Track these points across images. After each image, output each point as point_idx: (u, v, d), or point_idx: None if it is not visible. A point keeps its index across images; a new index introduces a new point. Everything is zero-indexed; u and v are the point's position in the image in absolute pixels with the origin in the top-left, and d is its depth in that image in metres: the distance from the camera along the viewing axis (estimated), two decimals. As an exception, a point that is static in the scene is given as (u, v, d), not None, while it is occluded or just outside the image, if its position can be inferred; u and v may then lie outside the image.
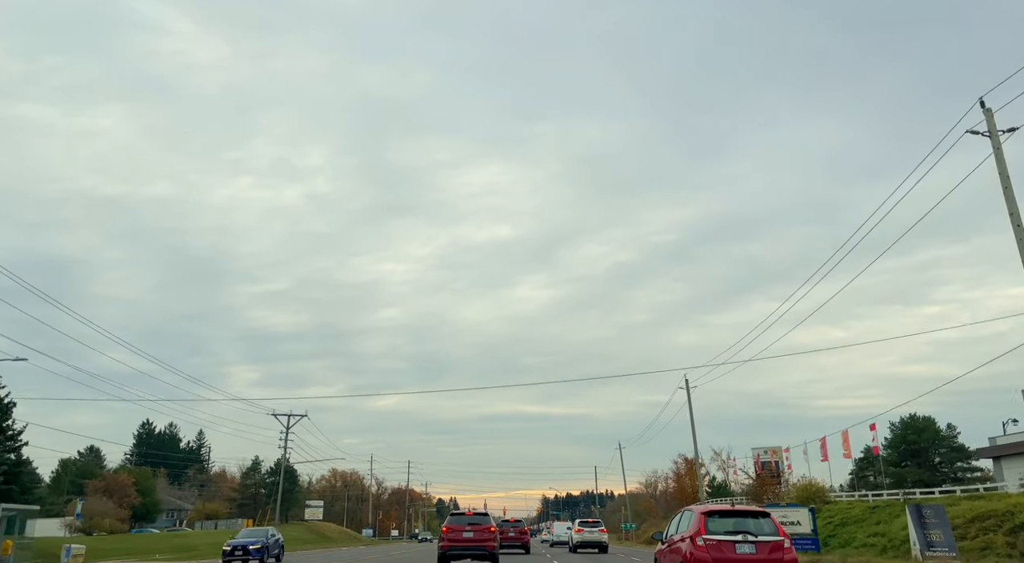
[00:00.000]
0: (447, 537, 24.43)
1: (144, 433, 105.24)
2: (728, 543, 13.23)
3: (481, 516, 27.26)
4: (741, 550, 13.16)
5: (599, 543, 41.28)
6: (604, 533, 42.58)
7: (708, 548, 13.16)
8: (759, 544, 13.26)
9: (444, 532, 24.83)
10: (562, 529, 58.40)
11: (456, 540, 24.22)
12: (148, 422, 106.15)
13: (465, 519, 26.13)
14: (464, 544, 24.21)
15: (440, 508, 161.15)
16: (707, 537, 13.33)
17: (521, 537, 39.39)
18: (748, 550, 13.18)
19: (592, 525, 43.41)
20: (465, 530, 24.58)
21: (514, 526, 40.40)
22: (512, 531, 39.28)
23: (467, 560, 24.35)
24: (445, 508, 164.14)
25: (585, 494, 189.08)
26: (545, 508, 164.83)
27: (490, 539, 24.47)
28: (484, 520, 25.93)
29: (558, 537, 57.47)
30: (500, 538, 34.20)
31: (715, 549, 13.15)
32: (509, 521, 42.09)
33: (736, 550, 13.15)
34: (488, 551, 24.20)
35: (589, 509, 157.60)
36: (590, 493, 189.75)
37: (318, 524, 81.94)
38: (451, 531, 24.46)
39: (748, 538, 13.30)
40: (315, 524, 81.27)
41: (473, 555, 24.29)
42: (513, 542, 38.65)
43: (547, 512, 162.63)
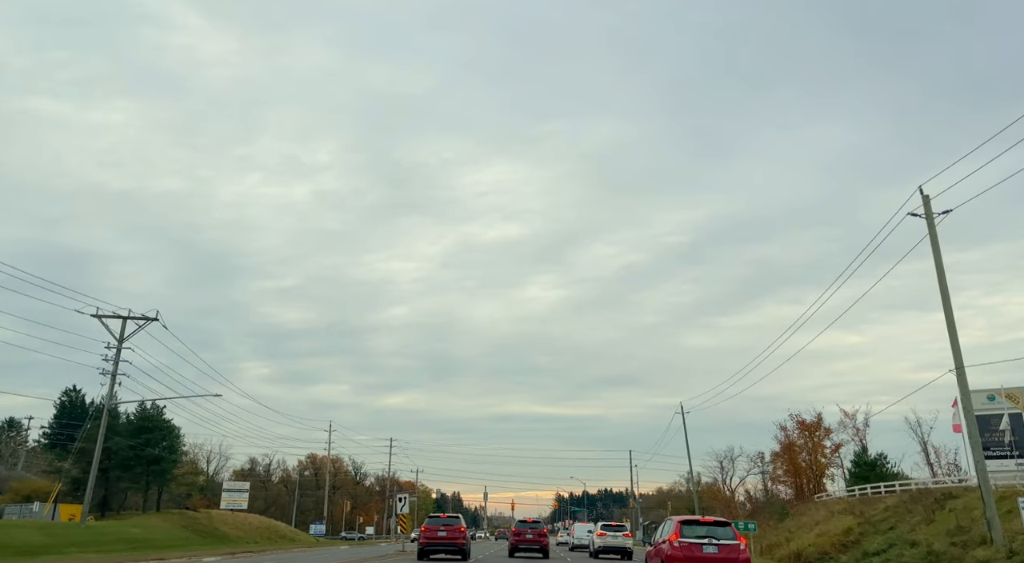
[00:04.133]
0: (424, 536, 33.05)
1: (68, 402, 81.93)
2: (697, 544, 20.22)
3: (453, 518, 35.29)
4: (707, 550, 20.14)
5: (623, 549, 41.19)
6: (629, 538, 43.04)
7: (682, 548, 20.14)
8: (720, 546, 20.22)
9: (423, 531, 33.55)
10: (583, 531, 57.59)
11: (432, 538, 32.73)
12: (75, 389, 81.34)
13: (440, 521, 34.72)
14: (438, 541, 32.72)
15: (441, 505, 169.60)
16: (681, 540, 20.33)
17: (540, 539, 40.15)
18: (712, 551, 20.14)
19: (616, 529, 43.86)
20: (440, 530, 33.15)
21: (532, 527, 41.16)
22: (530, 532, 40.34)
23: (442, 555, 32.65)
24: (446, 503, 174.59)
25: (604, 492, 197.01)
26: (562, 506, 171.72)
27: (460, 537, 32.87)
28: (455, 522, 34.30)
29: (579, 540, 57.27)
30: (516, 540, 40.98)
31: (687, 549, 20.12)
32: (527, 522, 42.63)
33: (703, 550, 20.13)
34: (459, 547, 32.72)
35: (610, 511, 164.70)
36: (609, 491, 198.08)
37: (223, 516, 64.58)
38: (428, 531, 33.14)
39: (712, 541, 20.28)
40: (219, 516, 64.11)
41: (446, 550, 32.73)
42: (531, 544, 39.87)
43: (563, 511, 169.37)
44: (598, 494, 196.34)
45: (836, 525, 36.32)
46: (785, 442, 60.61)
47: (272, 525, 75.09)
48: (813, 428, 57.74)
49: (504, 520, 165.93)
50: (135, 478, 60.63)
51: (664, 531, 22.18)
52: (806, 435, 58.36)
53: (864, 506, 37.49)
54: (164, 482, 64.37)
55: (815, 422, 57.81)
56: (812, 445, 58.12)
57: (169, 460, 62.71)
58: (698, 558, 19.93)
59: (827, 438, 57.32)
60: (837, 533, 33.87)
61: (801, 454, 58.82)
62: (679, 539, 20.36)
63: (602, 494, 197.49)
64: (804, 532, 39.99)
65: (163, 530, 51.02)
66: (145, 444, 58.94)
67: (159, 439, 61.21)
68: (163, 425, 62.48)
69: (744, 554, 20.34)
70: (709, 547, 20.19)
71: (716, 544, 20.25)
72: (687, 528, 20.75)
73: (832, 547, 31.85)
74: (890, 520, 31.69)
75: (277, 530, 73.54)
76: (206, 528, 58.05)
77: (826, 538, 34.07)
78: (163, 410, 62.79)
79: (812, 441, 57.94)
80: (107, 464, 55.67)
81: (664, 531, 22.18)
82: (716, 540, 20.31)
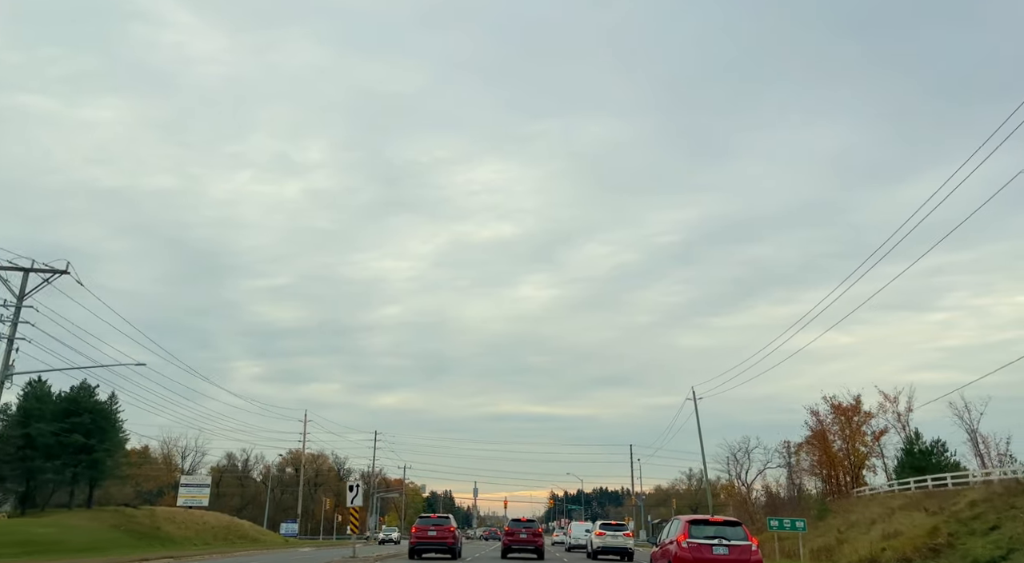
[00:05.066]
0: (415, 535, 35.29)
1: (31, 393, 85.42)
2: (707, 546, 19.29)
3: (443, 518, 37.53)
4: (717, 552, 19.24)
5: (624, 549, 40.01)
6: (630, 538, 41.83)
7: (690, 549, 19.18)
8: (731, 547, 19.31)
9: (413, 531, 35.79)
10: (581, 530, 56.05)
11: (422, 538, 34.92)
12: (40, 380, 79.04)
13: (430, 521, 36.93)
14: (428, 541, 34.79)
15: (432, 504, 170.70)
16: (690, 541, 19.41)
17: (535, 539, 38.83)
18: (722, 552, 19.25)
19: (616, 528, 42.32)
20: (430, 529, 35.26)
21: (526, 527, 39.87)
22: (524, 532, 39.15)
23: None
24: (438, 502, 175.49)
25: (599, 491, 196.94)
26: (558, 505, 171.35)
27: (449, 536, 35.08)
28: (445, 522, 36.54)
29: (576, 539, 55.55)
30: (509, 540, 39.92)
31: (696, 550, 19.16)
32: (520, 521, 41.40)
33: (713, 551, 19.24)
34: (448, 546, 34.90)
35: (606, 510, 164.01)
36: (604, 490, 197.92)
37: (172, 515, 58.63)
38: (418, 530, 35.53)
39: (723, 542, 19.41)
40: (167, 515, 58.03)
41: (436, 550, 34.83)
42: (525, 545, 38.66)
43: (559, 509, 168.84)
44: (593, 493, 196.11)
45: (907, 524, 32.04)
46: (817, 429, 53.86)
47: (234, 524, 68.00)
48: (851, 412, 51.50)
49: (498, 520, 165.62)
50: (59, 469, 52.82)
51: (671, 531, 21.25)
52: (842, 420, 51.96)
53: (935, 500, 33.18)
54: (98, 475, 56.77)
55: (853, 405, 51.87)
56: (850, 432, 51.86)
57: (101, 449, 55.26)
58: (708, 560, 19.01)
59: (867, 423, 51.72)
60: (919, 534, 28.73)
61: (835, 443, 52.92)
62: (687, 540, 19.46)
63: (598, 493, 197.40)
64: (858, 532, 35.84)
65: (84, 531, 44.86)
66: (71, 429, 52.58)
67: (87, 423, 53.98)
68: (94, 407, 55.80)
69: (756, 555, 19.44)
70: (719, 548, 19.24)
71: (727, 545, 19.29)
72: (696, 528, 19.81)
73: (916, 552, 27.36)
74: (986, 518, 26.84)
75: (239, 530, 66.66)
76: (144, 528, 51.64)
77: (903, 540, 29.47)
78: (95, 390, 56.55)
79: (850, 427, 51.80)
80: (28, 453, 50.81)
81: (671, 531, 21.25)
82: (727, 541, 19.37)
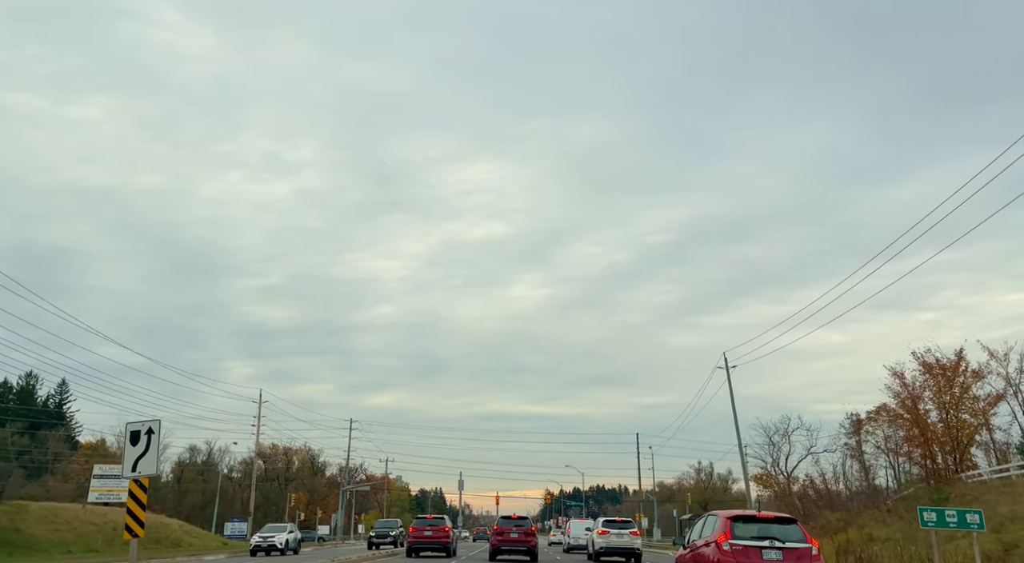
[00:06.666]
0: (412, 535, 38.11)
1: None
2: (755, 548, 15.10)
3: (438, 519, 40.41)
4: (768, 556, 15.14)
5: (631, 550, 36.84)
6: (638, 536, 38.40)
7: (734, 553, 15.02)
8: (786, 551, 15.22)
9: (411, 531, 38.71)
10: (580, 529, 52.22)
11: (419, 537, 37.61)
12: None
13: (426, 521, 39.87)
14: (425, 540, 37.58)
15: (420, 501, 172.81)
16: (733, 542, 15.30)
17: (527, 539, 35.00)
18: (775, 556, 15.14)
19: (622, 526, 38.43)
20: (426, 529, 38.15)
21: (518, 525, 35.80)
22: (515, 531, 35.25)
23: None
24: (427, 500, 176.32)
25: (596, 489, 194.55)
26: (556, 502, 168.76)
27: (444, 536, 37.76)
28: (440, 522, 39.26)
29: (575, 539, 52.12)
30: (498, 540, 35.54)
31: (741, 554, 14.97)
32: (511, 518, 36.97)
33: (763, 556, 15.17)
34: (443, 545, 37.70)
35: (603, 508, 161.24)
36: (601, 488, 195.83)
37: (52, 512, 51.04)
38: (415, 530, 38.35)
39: (775, 544, 15.33)
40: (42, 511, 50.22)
41: (432, 548, 37.76)
42: (516, 546, 35.02)
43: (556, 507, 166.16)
44: (590, 491, 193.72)
45: None
46: (904, 395, 42.58)
47: (156, 525, 56.81)
48: (951, 372, 40.67)
49: (490, 519, 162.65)
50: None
51: (705, 530, 17.04)
52: (939, 382, 40.80)
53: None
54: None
55: (954, 363, 41.12)
56: (951, 399, 40.93)
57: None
58: None
59: (976, 386, 40.96)
60: None
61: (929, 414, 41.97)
62: (730, 541, 15.57)
63: (595, 491, 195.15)
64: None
65: None
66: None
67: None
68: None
69: (818, 561, 15.54)
70: (771, 552, 15.11)
71: (780, 548, 15.24)
72: (740, 526, 15.58)
73: None
74: None
75: (161, 531, 57.40)
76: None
77: None
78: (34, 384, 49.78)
79: (950, 392, 40.98)
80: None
81: (705, 530, 17.04)
82: (780, 543, 15.29)
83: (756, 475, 59.49)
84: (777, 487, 58.91)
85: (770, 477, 59.68)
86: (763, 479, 59.92)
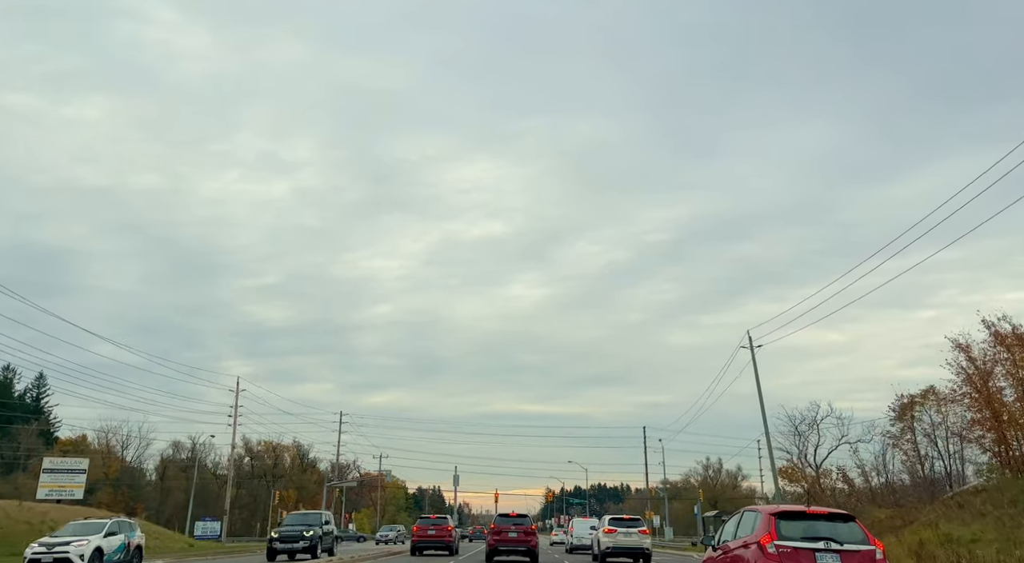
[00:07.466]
0: (416, 534, 40.25)
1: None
2: (806, 551, 12.28)
3: (441, 519, 42.66)
4: (823, 560, 12.25)
5: (639, 550, 34.90)
6: (647, 535, 36.24)
7: (781, 557, 12.25)
8: (844, 554, 12.37)
9: (415, 531, 40.78)
10: (585, 528, 50.20)
11: (423, 536, 39.82)
12: None
13: (430, 521, 42.04)
14: (428, 539, 39.83)
15: (418, 500, 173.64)
16: (780, 543, 12.46)
17: (527, 539, 33.11)
18: (832, 560, 12.23)
19: (630, 524, 36.38)
20: (430, 529, 40.32)
21: (516, 523, 33.92)
22: (513, 530, 33.35)
23: None
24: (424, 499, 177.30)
25: (597, 488, 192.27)
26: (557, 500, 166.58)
27: (447, 535, 40.10)
28: (443, 522, 41.53)
29: (579, 539, 49.61)
30: (496, 540, 33.59)
31: (790, 558, 12.23)
32: (509, 516, 35.21)
33: (817, 560, 12.27)
34: (446, 543, 40.09)
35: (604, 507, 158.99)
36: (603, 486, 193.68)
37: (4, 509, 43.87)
38: (419, 530, 40.49)
39: (831, 546, 12.45)
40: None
41: (435, 547, 39.97)
42: (515, 546, 33.11)
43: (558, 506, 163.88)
44: (591, 490, 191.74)
45: None
46: (972, 371, 37.23)
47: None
48: None
49: (489, 518, 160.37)
50: None
51: (742, 529, 14.12)
52: (1013, 357, 34.95)
53: None
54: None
55: None
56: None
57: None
58: None
59: None
60: None
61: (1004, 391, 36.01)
62: (776, 542, 12.65)
63: (596, 489, 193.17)
64: None
65: None
66: None
67: None
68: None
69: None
70: (827, 556, 12.33)
71: (838, 551, 12.42)
72: (787, 525, 12.77)
73: None
74: None
75: None
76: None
77: None
78: None
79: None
80: None
81: (742, 529, 14.12)
82: (837, 544, 12.45)
83: (782, 468, 55.11)
84: (806, 481, 54.71)
85: (797, 470, 55.60)
86: (789, 472, 55.73)
